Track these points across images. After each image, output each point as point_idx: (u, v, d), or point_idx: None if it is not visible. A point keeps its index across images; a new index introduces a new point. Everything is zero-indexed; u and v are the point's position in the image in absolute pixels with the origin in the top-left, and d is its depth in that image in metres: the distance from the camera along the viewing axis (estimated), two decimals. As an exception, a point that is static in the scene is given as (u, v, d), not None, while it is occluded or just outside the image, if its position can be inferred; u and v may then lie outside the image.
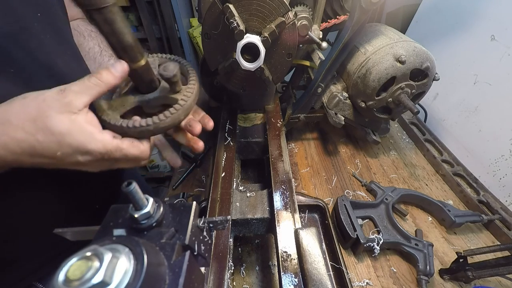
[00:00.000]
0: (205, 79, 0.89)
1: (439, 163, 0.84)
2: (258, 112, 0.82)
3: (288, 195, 0.56)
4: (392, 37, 0.72)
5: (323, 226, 0.67)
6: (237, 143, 0.71)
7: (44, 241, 0.54)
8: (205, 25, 0.49)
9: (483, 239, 0.68)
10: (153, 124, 0.39)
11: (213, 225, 0.32)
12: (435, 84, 0.73)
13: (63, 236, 0.30)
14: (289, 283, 0.43)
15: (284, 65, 0.54)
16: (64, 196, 0.55)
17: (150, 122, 0.39)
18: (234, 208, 0.57)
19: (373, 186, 0.76)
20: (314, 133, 1.01)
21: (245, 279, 0.60)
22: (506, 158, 0.78)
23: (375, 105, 0.73)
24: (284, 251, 0.47)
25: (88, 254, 0.19)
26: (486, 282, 0.59)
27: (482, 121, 0.86)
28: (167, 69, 0.40)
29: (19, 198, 0.48)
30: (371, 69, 0.69)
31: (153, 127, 0.39)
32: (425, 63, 0.67)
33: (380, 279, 0.60)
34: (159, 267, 0.22)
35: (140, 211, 0.26)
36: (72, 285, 0.18)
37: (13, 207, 0.48)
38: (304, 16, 0.61)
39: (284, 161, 0.63)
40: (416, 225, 0.71)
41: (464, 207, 0.75)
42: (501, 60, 0.81)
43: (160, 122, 0.39)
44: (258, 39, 0.46)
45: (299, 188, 0.81)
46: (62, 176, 0.54)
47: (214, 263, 0.45)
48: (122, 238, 0.23)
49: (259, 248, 0.66)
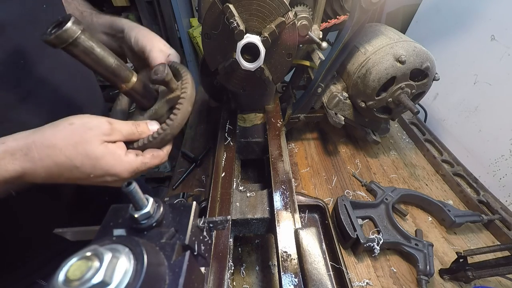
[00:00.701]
0: (205, 79, 0.89)
1: (439, 163, 0.84)
2: (258, 112, 0.82)
3: (288, 195, 0.56)
4: (392, 37, 0.72)
5: (323, 226, 0.67)
6: (237, 143, 0.71)
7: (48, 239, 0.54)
8: (205, 25, 0.49)
9: (483, 239, 0.68)
10: (169, 127, 0.40)
11: (213, 225, 0.32)
12: (435, 84, 0.73)
13: (63, 236, 0.30)
14: (289, 283, 0.43)
15: (284, 65, 0.54)
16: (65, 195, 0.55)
17: (165, 127, 0.40)
18: (234, 208, 0.57)
19: (373, 186, 0.76)
20: (314, 133, 1.01)
21: (245, 279, 0.60)
22: (506, 158, 0.78)
23: (375, 105, 0.73)
24: (284, 251, 0.47)
25: (88, 254, 0.19)
26: (486, 282, 0.59)
27: (482, 121, 0.86)
28: (157, 72, 0.41)
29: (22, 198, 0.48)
30: (371, 69, 0.69)
31: (169, 129, 0.41)
32: (425, 63, 0.67)
33: (380, 279, 0.60)
34: (159, 267, 0.22)
35: (140, 211, 0.26)
36: (72, 285, 0.18)
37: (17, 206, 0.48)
38: (304, 16, 0.61)
39: (284, 161, 0.63)
40: (416, 225, 0.71)
41: (464, 207, 0.75)
42: (501, 60, 0.81)
43: (174, 122, 0.41)
44: (258, 39, 0.46)
45: (299, 188, 0.81)
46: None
47: (214, 263, 0.45)
48: (122, 238, 0.23)
49: (259, 248, 0.66)
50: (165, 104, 0.44)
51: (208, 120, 1.07)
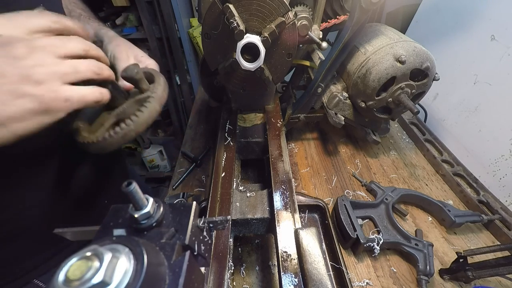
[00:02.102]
0: (205, 79, 0.89)
1: (439, 163, 0.84)
2: (258, 112, 0.82)
3: (288, 195, 0.56)
4: (392, 37, 0.72)
5: (323, 226, 0.67)
6: (237, 143, 0.71)
7: (44, 240, 0.54)
8: (205, 25, 0.49)
9: (483, 239, 0.68)
10: (133, 123, 0.38)
11: (213, 225, 0.32)
12: (435, 84, 0.73)
13: (63, 236, 0.30)
14: (289, 283, 0.43)
15: (284, 65, 0.54)
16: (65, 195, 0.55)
17: (129, 122, 0.38)
18: (234, 208, 0.57)
19: (373, 186, 0.76)
20: (314, 133, 1.01)
21: (245, 279, 0.60)
22: (506, 158, 0.78)
23: (375, 105, 0.73)
24: (284, 251, 0.47)
25: (88, 254, 0.19)
26: (486, 282, 0.59)
27: (482, 121, 0.86)
28: (127, 70, 0.40)
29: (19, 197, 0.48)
30: (371, 69, 0.69)
31: (133, 125, 0.38)
32: (425, 63, 0.67)
33: (380, 279, 0.60)
34: (159, 267, 0.22)
35: (140, 211, 0.26)
36: (72, 285, 0.18)
37: (14, 205, 0.48)
38: (304, 16, 0.61)
39: (284, 161, 0.63)
40: (416, 225, 0.71)
41: (464, 207, 0.75)
42: (501, 60, 0.81)
43: (139, 119, 0.38)
44: (258, 39, 0.46)
45: (299, 188, 0.81)
46: (63, 174, 0.54)
47: (214, 263, 0.45)
48: (122, 238, 0.23)
49: (259, 248, 0.66)
50: (134, 104, 0.43)
51: (208, 120, 1.07)
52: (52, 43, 0.31)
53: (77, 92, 0.33)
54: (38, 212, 0.51)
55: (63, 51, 0.32)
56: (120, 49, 0.49)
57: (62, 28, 0.34)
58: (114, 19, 1.75)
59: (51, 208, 0.53)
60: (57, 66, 0.31)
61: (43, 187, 0.50)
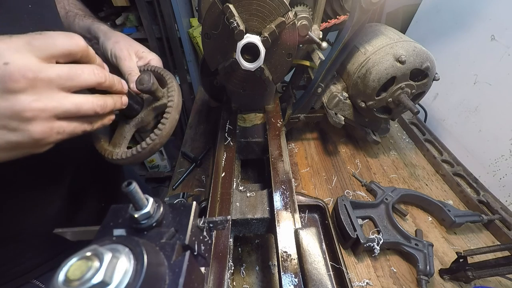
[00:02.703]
0: (205, 79, 0.89)
1: (439, 163, 0.84)
2: (258, 112, 0.82)
3: (288, 195, 0.56)
4: (392, 37, 0.72)
5: (323, 226, 0.67)
6: (237, 143, 0.71)
7: (44, 240, 0.54)
8: (205, 25, 0.49)
9: (483, 239, 0.68)
10: (157, 137, 0.40)
11: (213, 225, 0.32)
12: (435, 84, 0.73)
13: (63, 236, 0.30)
14: (289, 283, 0.43)
15: (284, 65, 0.54)
16: (64, 195, 0.55)
17: (154, 137, 0.40)
18: (234, 208, 0.57)
19: (373, 186, 0.76)
20: (314, 133, 1.01)
21: (245, 279, 0.60)
22: (506, 158, 0.78)
23: (375, 105, 0.73)
24: (284, 251, 0.47)
25: (88, 254, 0.19)
26: (486, 282, 0.59)
27: (482, 121, 0.86)
28: (143, 82, 0.40)
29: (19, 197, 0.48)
30: (371, 69, 0.69)
31: (158, 139, 0.40)
32: (425, 63, 0.67)
33: (380, 279, 0.60)
34: (159, 267, 0.22)
35: (140, 211, 0.26)
36: (72, 285, 0.18)
37: (13, 206, 0.48)
38: (304, 16, 0.61)
39: (284, 161, 0.63)
40: (416, 225, 0.71)
41: (464, 207, 0.75)
42: (501, 60, 0.81)
43: (162, 132, 0.40)
44: (258, 39, 0.46)
45: (299, 188, 0.81)
46: (63, 175, 0.54)
47: (214, 263, 0.45)
48: (122, 238, 0.23)
49: (259, 248, 0.66)
50: (151, 112, 0.44)
51: (208, 120, 1.07)
52: (61, 75, 0.29)
53: (69, 125, 0.32)
54: (38, 212, 0.51)
55: (72, 84, 0.30)
56: (120, 46, 0.49)
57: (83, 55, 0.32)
58: (114, 19, 1.75)
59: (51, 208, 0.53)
60: (57, 103, 0.29)
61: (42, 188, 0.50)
